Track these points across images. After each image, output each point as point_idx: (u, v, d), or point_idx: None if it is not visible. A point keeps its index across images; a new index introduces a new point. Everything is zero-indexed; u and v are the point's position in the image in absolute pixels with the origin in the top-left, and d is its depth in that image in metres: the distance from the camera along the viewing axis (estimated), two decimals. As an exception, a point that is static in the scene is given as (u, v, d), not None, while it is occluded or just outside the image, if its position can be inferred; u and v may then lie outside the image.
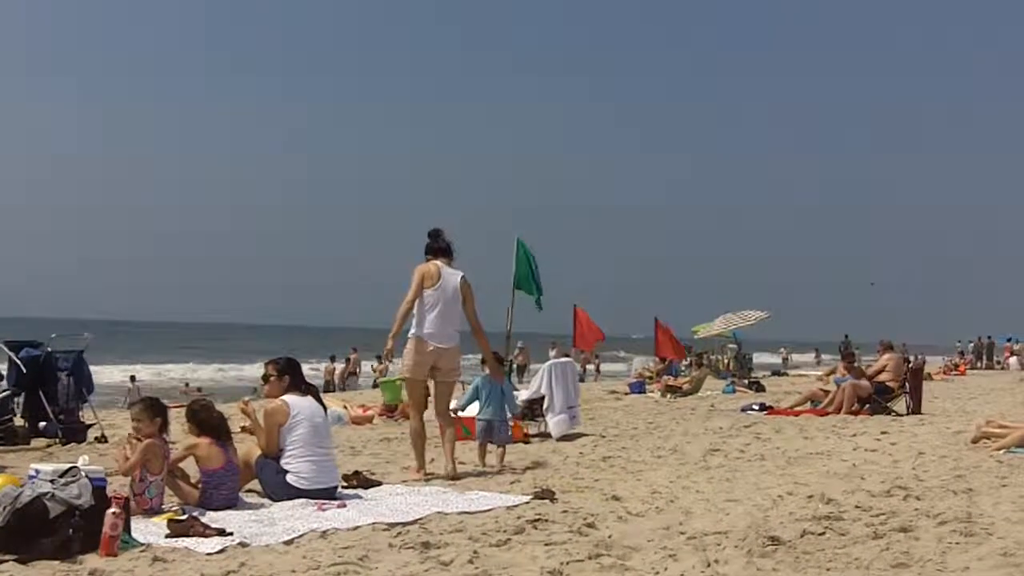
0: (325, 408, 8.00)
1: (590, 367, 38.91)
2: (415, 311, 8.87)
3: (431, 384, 9.22)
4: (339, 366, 34.77)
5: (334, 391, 29.06)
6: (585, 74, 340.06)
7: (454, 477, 8.66)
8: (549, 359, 15.36)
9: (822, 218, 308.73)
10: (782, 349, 51.61)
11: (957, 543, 5.56)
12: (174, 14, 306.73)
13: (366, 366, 34.28)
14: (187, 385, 36.35)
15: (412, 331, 8.88)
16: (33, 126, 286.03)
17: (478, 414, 9.87)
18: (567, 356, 17.86)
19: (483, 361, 9.74)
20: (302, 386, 7.81)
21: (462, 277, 9.04)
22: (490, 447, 9.83)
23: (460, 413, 10.10)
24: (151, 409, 7.02)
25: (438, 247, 9.12)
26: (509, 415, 10.06)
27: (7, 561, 5.13)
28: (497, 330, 15.57)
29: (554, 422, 12.35)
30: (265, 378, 8.02)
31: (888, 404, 15.59)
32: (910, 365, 17.09)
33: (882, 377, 16.07)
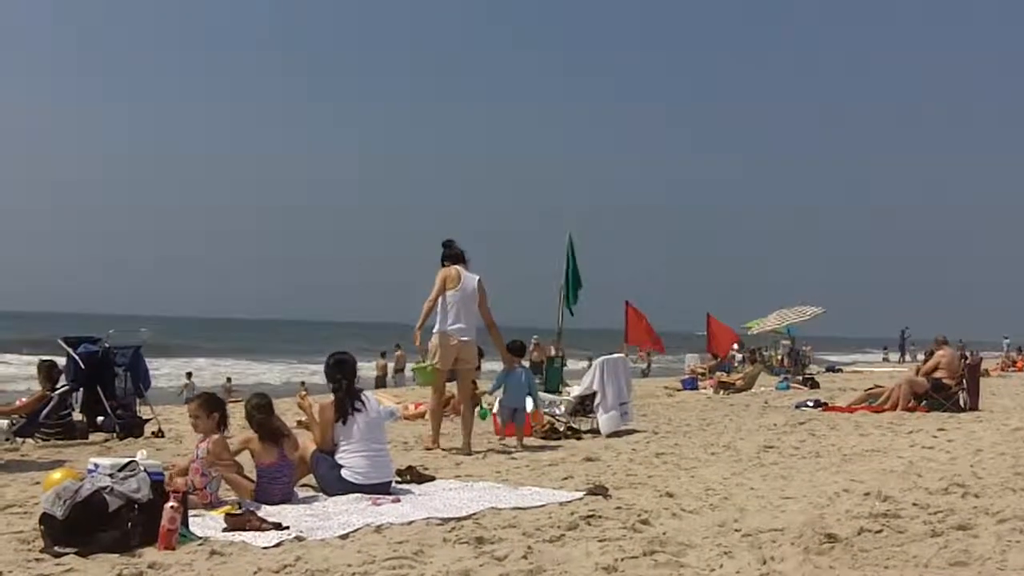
0: (378, 404, 8.06)
1: (643, 364, 38.44)
2: (439, 310, 10.18)
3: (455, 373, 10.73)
4: (391, 363, 34.87)
5: (386, 387, 29.20)
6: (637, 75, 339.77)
7: (468, 452, 9.98)
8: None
9: (864, 219, 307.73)
10: (806, 347, 49.91)
11: (1017, 541, 5.46)
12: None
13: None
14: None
15: (436, 327, 10.26)
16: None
17: (502, 401, 11.28)
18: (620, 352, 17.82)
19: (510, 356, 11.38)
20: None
21: (479, 280, 10.42)
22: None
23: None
24: (206, 405, 7.12)
25: (453, 253, 10.46)
26: (532, 403, 11.28)
27: (68, 554, 5.21)
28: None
29: (604, 419, 12.33)
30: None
31: (945, 401, 15.38)
32: (967, 361, 16.84)
33: (938, 374, 15.83)
